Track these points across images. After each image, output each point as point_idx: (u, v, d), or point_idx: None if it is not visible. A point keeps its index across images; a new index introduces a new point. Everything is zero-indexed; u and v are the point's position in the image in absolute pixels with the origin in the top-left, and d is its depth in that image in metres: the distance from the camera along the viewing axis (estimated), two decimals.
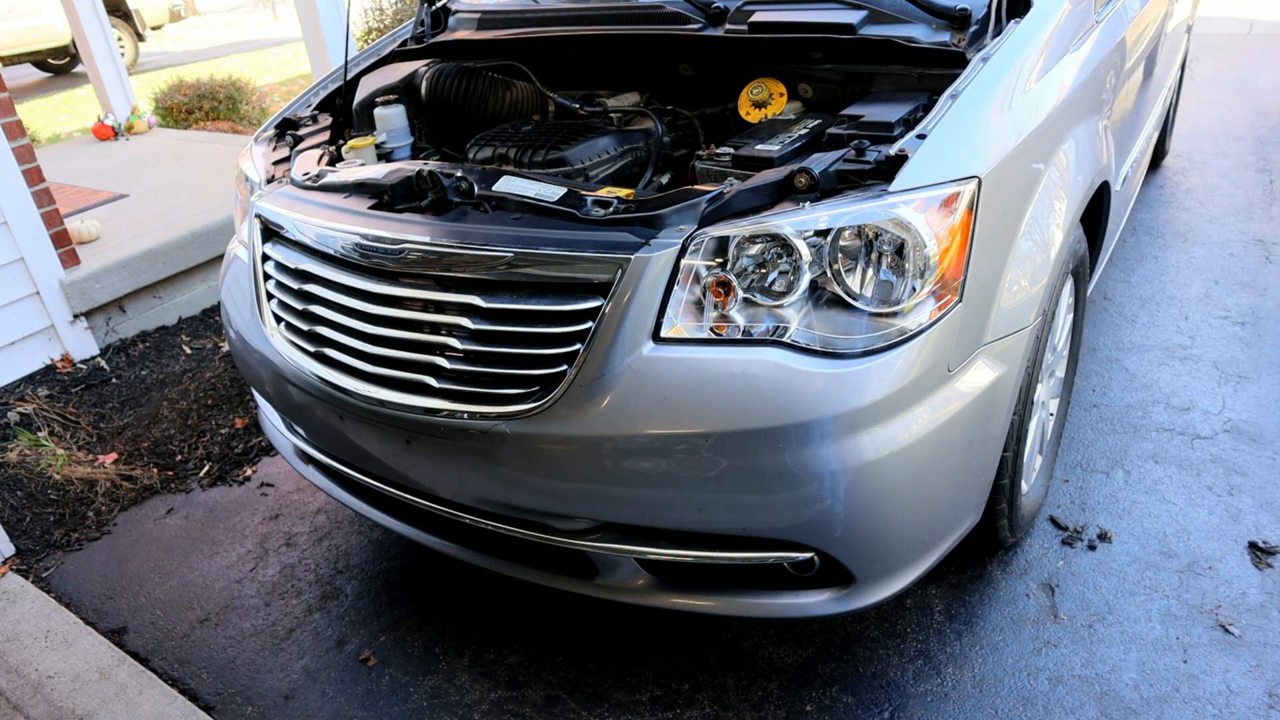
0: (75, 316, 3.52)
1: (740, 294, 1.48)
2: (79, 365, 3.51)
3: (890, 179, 1.49)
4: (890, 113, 1.74)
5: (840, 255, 1.47)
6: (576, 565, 1.78)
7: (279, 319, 1.92)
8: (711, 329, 1.48)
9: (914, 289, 1.46)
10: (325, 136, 2.28)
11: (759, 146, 1.78)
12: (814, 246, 1.46)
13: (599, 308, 1.49)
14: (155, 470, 2.85)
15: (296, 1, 4.54)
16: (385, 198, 1.75)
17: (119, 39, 10.02)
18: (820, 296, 1.49)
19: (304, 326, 1.83)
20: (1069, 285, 2.10)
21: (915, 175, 1.49)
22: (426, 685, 1.98)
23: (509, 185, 1.67)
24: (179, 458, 2.91)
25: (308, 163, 2.04)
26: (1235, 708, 1.74)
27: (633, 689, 1.91)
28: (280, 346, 1.88)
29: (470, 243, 1.58)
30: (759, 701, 1.86)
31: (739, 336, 1.47)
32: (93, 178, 4.88)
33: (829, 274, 1.47)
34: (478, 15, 2.44)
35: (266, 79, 9.61)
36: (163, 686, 2.01)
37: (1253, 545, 2.12)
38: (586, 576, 1.75)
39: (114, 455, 2.93)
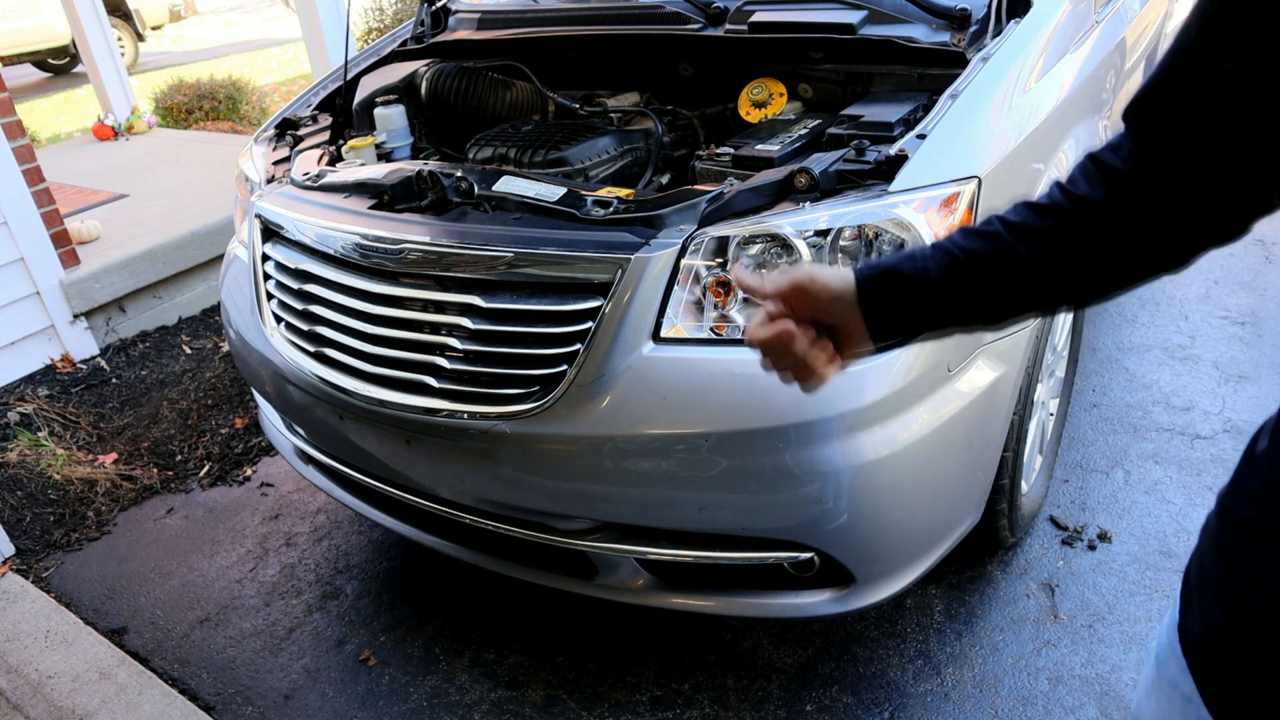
0: (75, 316, 3.52)
1: (740, 294, 1.48)
2: (79, 365, 3.51)
3: (890, 179, 1.49)
4: (890, 113, 1.74)
5: (840, 255, 1.47)
6: (576, 565, 1.78)
7: (279, 319, 1.92)
8: (712, 329, 1.48)
9: None
10: (325, 136, 2.28)
11: (759, 146, 1.78)
12: (814, 246, 1.46)
13: (599, 308, 1.49)
14: (155, 470, 2.85)
15: (297, 1, 4.54)
16: (385, 198, 1.75)
17: (119, 39, 10.01)
18: None
19: (304, 326, 1.83)
20: None
21: (915, 175, 1.49)
22: (426, 685, 1.98)
23: (509, 185, 1.67)
24: (179, 458, 2.91)
25: (308, 163, 2.04)
26: None
27: (633, 689, 1.91)
28: (280, 346, 1.88)
29: (470, 243, 1.58)
30: (759, 701, 1.86)
31: (739, 336, 1.47)
32: (93, 178, 4.88)
33: None
34: (478, 15, 2.44)
35: (266, 79, 9.60)
36: (163, 686, 2.01)
37: None
38: (586, 576, 1.75)
39: (114, 455, 2.93)
